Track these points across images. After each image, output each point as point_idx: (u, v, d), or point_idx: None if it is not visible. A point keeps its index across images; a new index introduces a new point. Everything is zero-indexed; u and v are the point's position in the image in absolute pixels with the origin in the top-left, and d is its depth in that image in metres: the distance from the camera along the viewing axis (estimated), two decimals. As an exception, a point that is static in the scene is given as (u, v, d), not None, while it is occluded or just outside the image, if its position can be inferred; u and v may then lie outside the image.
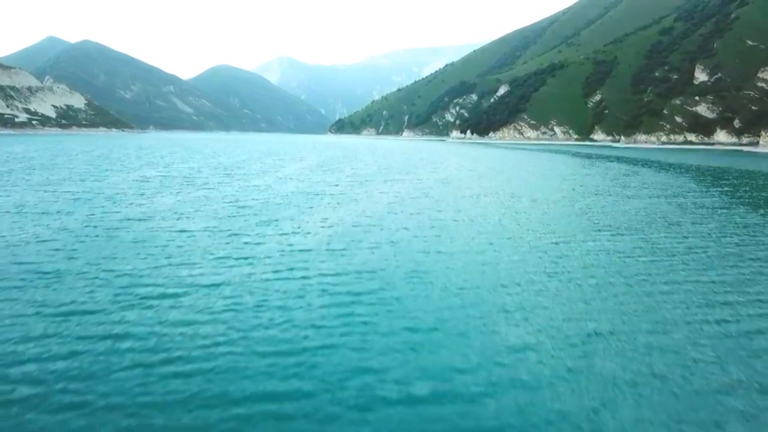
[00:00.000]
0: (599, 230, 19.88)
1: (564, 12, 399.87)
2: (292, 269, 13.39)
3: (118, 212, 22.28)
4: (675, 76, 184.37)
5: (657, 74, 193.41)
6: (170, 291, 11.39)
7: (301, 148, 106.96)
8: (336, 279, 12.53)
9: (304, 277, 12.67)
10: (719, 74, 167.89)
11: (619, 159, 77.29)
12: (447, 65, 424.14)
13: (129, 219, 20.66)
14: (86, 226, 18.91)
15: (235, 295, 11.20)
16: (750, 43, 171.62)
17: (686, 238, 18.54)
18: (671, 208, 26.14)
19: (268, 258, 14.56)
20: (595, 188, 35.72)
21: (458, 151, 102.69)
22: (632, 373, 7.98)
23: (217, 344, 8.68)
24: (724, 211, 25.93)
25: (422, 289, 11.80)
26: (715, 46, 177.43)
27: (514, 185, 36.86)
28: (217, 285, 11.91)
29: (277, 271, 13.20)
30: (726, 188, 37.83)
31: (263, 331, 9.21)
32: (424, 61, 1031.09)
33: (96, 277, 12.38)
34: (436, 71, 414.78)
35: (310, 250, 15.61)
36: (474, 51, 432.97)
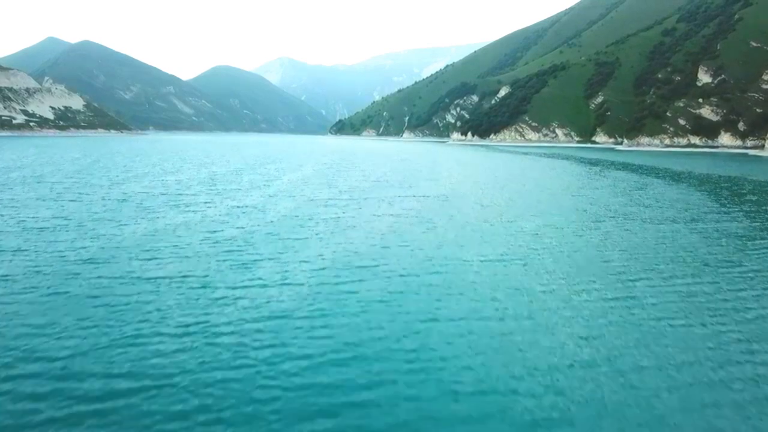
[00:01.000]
0: (626, 277, 17.34)
1: (565, 12, 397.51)
2: (258, 355, 10.84)
3: (80, 249, 19.82)
4: (678, 78, 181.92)
5: (659, 76, 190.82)
6: (95, 405, 8.82)
7: (300, 154, 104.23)
8: (309, 376, 9.93)
9: (268, 374, 10.13)
10: (723, 76, 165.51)
11: (625, 167, 74.72)
12: (448, 66, 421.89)
13: (89, 261, 18.18)
14: (35, 272, 16.46)
15: (177, 402, 8.72)
16: (754, 44, 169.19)
17: (729, 290, 15.99)
18: (696, 240, 23.62)
19: (232, 332, 12.05)
20: (607, 208, 33.25)
21: (459, 157, 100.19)
22: None
23: None
24: (757, 243, 23.42)
25: (418, 395, 9.27)
26: (718, 47, 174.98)
27: (521, 205, 34.39)
28: (159, 389, 9.37)
29: (239, 357, 10.72)
30: (748, 207, 35.30)
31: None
32: (425, 62, 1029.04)
33: (12, 368, 9.91)
34: (436, 72, 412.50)
35: (284, 317, 13.10)
36: (475, 52, 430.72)
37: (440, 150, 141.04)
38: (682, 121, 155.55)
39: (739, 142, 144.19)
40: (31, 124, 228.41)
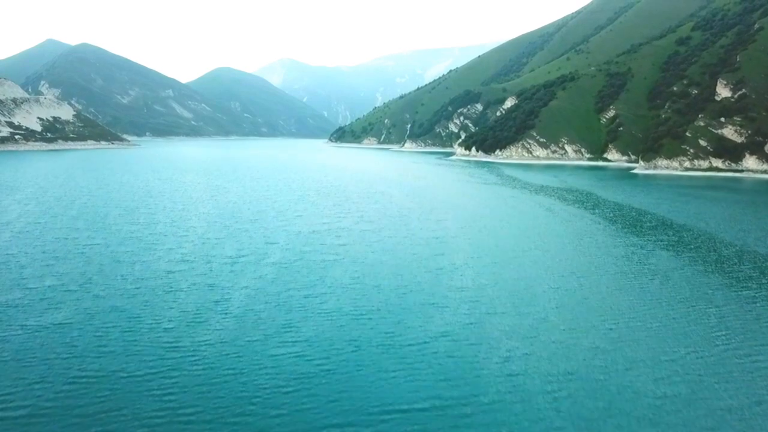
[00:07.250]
0: None
1: (572, 17, 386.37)
2: None
3: None
4: (695, 92, 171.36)
5: (675, 89, 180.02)
6: None
7: (283, 200, 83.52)
8: None
9: None
10: (744, 90, 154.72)
11: (677, 238, 62.10)
12: (451, 71, 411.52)
13: None
14: None
15: None
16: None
17: None
18: None
19: None
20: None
21: (468, 198, 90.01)
22: None
23: None
24: None
25: None
26: (737, 59, 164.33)
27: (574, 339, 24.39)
28: None
29: None
30: None
31: None
32: (428, 63, 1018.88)
33: None
34: (439, 77, 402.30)
35: None
36: (479, 56, 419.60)
37: (444, 180, 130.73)
38: (703, 143, 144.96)
39: (765, 166, 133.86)
40: (17, 137, 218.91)
